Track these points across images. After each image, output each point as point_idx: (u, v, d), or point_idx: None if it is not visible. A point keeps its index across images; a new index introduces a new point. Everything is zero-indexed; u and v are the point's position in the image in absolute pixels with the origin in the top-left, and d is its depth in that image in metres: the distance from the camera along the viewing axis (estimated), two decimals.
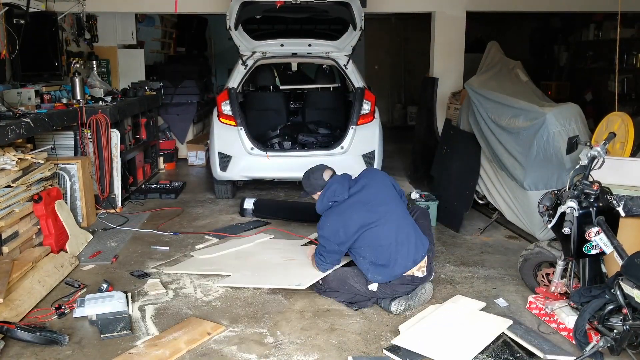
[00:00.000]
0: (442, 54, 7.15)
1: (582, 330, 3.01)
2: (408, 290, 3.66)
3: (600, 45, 9.90)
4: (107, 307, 3.52)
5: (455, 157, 5.62)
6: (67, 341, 3.23)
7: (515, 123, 4.49)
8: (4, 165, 4.20)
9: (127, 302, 3.64)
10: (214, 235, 5.12)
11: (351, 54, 6.56)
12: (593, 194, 3.14)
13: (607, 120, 4.08)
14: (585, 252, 3.17)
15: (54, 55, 6.16)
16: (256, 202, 5.81)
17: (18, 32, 5.29)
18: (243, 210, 5.78)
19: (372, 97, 6.21)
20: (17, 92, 5.32)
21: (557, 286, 3.47)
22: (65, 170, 5.24)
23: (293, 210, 5.82)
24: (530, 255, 3.81)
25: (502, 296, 3.85)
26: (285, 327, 3.44)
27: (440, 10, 7.09)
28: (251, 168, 6.08)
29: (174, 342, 3.19)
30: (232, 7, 6.03)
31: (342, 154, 6.03)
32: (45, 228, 4.51)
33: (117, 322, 3.40)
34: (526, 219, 4.54)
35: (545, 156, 4.23)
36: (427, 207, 5.40)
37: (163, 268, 4.37)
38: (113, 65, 8.09)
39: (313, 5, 6.01)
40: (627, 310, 2.85)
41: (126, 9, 7.31)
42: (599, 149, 3.27)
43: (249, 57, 6.42)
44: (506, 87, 4.96)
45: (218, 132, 6.11)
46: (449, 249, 4.84)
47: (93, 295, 3.67)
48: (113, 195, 5.87)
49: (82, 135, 5.65)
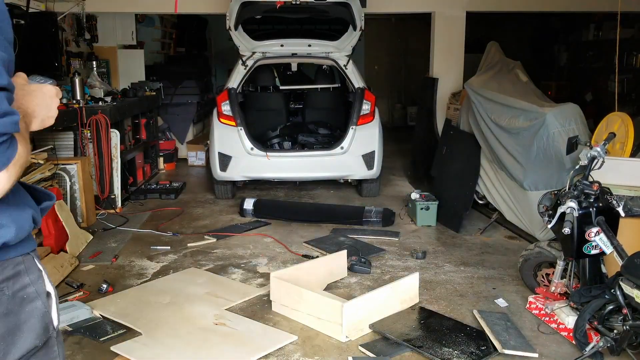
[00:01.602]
0: (442, 54, 7.15)
1: (582, 330, 3.01)
2: None
3: (600, 46, 9.90)
4: (80, 315, 3.48)
5: (455, 157, 5.62)
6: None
7: (515, 123, 4.49)
8: None
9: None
10: (214, 236, 5.11)
11: (351, 54, 6.56)
12: (593, 194, 3.14)
13: (607, 120, 4.08)
14: (585, 252, 3.17)
15: (53, 55, 6.15)
16: (256, 202, 5.80)
17: (18, 32, 5.24)
18: (243, 210, 5.77)
19: (372, 98, 6.21)
20: None
21: (557, 286, 3.47)
22: (65, 171, 5.24)
23: (293, 210, 5.83)
24: (530, 255, 3.81)
25: (502, 296, 3.84)
26: (285, 327, 3.43)
27: (440, 10, 7.09)
28: (251, 168, 6.09)
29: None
30: (232, 7, 6.03)
31: (342, 154, 6.04)
32: (45, 228, 4.50)
33: (102, 325, 3.40)
34: (526, 219, 4.54)
35: (545, 156, 4.23)
36: (427, 207, 5.42)
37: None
38: (113, 66, 8.08)
39: (313, 5, 6.01)
40: (627, 311, 2.85)
41: (126, 9, 7.31)
42: (599, 149, 3.27)
43: (248, 58, 6.42)
44: (506, 87, 4.97)
45: (218, 132, 6.12)
46: (449, 249, 4.84)
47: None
48: (113, 196, 5.87)
49: (82, 135, 5.65)
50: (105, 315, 3.55)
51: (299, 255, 4.67)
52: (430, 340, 3.22)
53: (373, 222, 5.41)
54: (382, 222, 5.39)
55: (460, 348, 3.13)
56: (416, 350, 3.13)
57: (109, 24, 7.89)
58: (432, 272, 4.33)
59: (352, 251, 4.58)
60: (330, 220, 5.52)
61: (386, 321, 3.47)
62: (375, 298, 3.46)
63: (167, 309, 3.64)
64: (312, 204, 6.17)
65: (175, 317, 3.53)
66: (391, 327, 3.38)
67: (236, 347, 3.18)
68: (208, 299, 3.79)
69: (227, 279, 4.21)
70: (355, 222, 5.43)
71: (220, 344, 3.20)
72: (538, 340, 3.27)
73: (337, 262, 4.17)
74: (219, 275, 4.26)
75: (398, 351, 3.14)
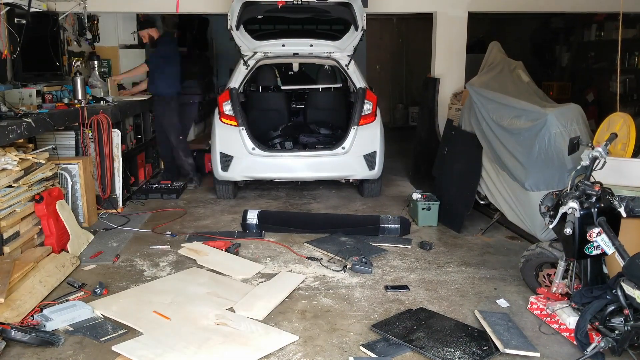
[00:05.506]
0: (444, 54, 7.14)
1: (584, 331, 3.01)
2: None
3: (602, 46, 9.88)
4: (81, 314, 3.49)
5: (456, 157, 5.62)
6: (62, 341, 3.23)
7: (517, 123, 4.49)
8: (5, 165, 4.21)
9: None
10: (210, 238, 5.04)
11: (353, 54, 6.56)
12: (594, 195, 3.14)
13: (608, 120, 4.07)
14: (587, 252, 3.17)
15: (55, 55, 6.16)
16: (260, 214, 5.35)
17: (19, 32, 5.30)
18: (246, 225, 5.29)
19: (374, 98, 6.21)
20: (19, 92, 5.33)
21: (559, 287, 3.46)
22: (66, 170, 5.24)
23: (301, 222, 5.46)
24: (531, 255, 3.81)
25: (503, 297, 3.84)
26: (286, 327, 3.44)
27: (442, 10, 7.08)
28: (252, 168, 6.08)
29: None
30: (234, 7, 6.03)
31: (344, 154, 6.04)
32: (46, 228, 4.51)
33: (103, 325, 3.40)
34: (527, 220, 4.53)
35: (546, 157, 4.23)
36: (428, 207, 5.41)
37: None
38: (114, 65, 8.08)
39: (314, 5, 6.01)
40: (629, 311, 2.85)
41: (127, 9, 7.31)
42: (601, 149, 3.27)
43: (250, 57, 6.43)
44: (508, 88, 4.96)
45: (219, 132, 6.12)
46: (451, 250, 4.83)
47: (53, 308, 3.57)
48: (114, 196, 5.87)
49: (83, 135, 5.65)
50: (107, 315, 3.55)
51: (303, 256, 4.66)
52: (431, 340, 3.22)
53: (391, 231, 5.16)
54: (401, 231, 5.16)
55: (462, 348, 3.13)
56: (417, 350, 3.13)
57: (110, 24, 7.90)
58: (434, 272, 4.33)
59: (353, 251, 4.59)
60: (345, 231, 5.15)
61: (387, 322, 3.47)
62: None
63: (168, 308, 3.64)
64: (323, 215, 5.85)
65: (177, 317, 3.53)
66: (392, 328, 3.38)
67: (237, 347, 3.18)
68: (209, 299, 3.79)
69: (229, 278, 4.21)
70: (371, 233, 5.14)
71: (222, 344, 3.20)
72: (539, 340, 3.27)
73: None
74: (221, 275, 4.27)
75: (399, 352, 3.14)
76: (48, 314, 3.45)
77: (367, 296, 3.89)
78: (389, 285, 4.04)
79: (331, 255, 4.61)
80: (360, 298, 3.86)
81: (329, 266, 4.44)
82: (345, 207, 6.17)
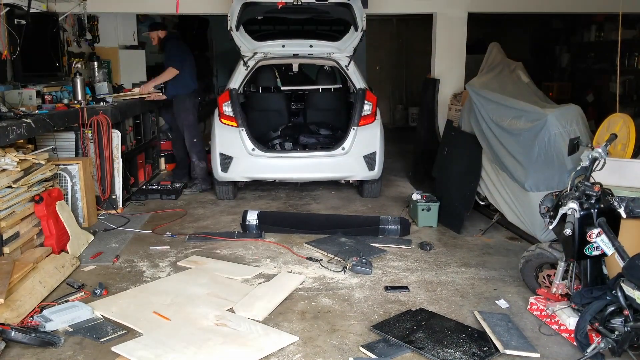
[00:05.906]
0: (444, 55, 7.14)
1: (583, 331, 3.01)
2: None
3: (602, 47, 9.89)
4: (81, 315, 3.49)
5: (456, 158, 5.62)
6: (62, 342, 3.23)
7: (517, 124, 4.49)
8: (5, 166, 4.21)
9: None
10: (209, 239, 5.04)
11: (352, 55, 6.56)
12: (594, 196, 3.14)
13: (608, 121, 4.08)
14: (587, 253, 3.17)
15: (55, 55, 6.15)
16: (260, 214, 5.36)
17: (19, 32, 5.29)
18: (246, 225, 5.31)
19: (374, 98, 6.21)
20: (18, 93, 5.33)
21: (559, 287, 3.46)
22: (66, 171, 5.24)
23: (302, 222, 5.47)
24: (531, 256, 3.81)
25: (503, 297, 3.84)
26: (286, 328, 3.44)
27: (442, 11, 7.08)
28: (252, 169, 6.08)
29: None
30: (234, 7, 6.03)
31: (344, 155, 6.04)
32: (46, 229, 4.51)
33: (103, 326, 3.40)
34: (527, 221, 4.53)
35: (546, 157, 4.23)
36: (428, 208, 5.41)
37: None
38: (114, 66, 8.08)
39: (314, 6, 6.01)
40: (629, 312, 2.85)
41: (127, 9, 7.31)
42: (601, 150, 3.27)
43: (250, 58, 6.43)
44: (507, 88, 4.97)
45: (219, 132, 6.12)
46: (450, 250, 4.83)
47: (53, 309, 3.56)
48: (114, 196, 5.87)
49: (83, 135, 5.65)
50: (106, 316, 3.55)
51: (302, 257, 4.66)
52: (431, 341, 3.22)
53: (390, 232, 5.17)
54: (401, 231, 5.18)
55: (462, 349, 3.13)
56: (417, 351, 3.13)
57: (110, 25, 7.90)
58: (434, 272, 4.33)
59: (353, 252, 4.59)
60: (344, 231, 5.15)
61: (387, 322, 3.47)
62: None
63: (168, 309, 3.64)
64: (323, 215, 5.87)
65: (176, 318, 3.52)
66: (392, 329, 3.38)
67: (237, 347, 3.18)
68: (209, 300, 3.79)
69: (229, 279, 4.21)
70: (371, 233, 5.16)
71: (222, 345, 3.20)
72: (539, 341, 3.27)
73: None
74: (220, 276, 4.26)
75: (399, 352, 3.14)
76: (48, 315, 3.45)
77: (367, 297, 3.89)
78: (388, 286, 4.04)
79: (331, 256, 4.62)
80: (360, 299, 3.86)
81: (328, 267, 4.44)
82: (345, 208, 6.17)
